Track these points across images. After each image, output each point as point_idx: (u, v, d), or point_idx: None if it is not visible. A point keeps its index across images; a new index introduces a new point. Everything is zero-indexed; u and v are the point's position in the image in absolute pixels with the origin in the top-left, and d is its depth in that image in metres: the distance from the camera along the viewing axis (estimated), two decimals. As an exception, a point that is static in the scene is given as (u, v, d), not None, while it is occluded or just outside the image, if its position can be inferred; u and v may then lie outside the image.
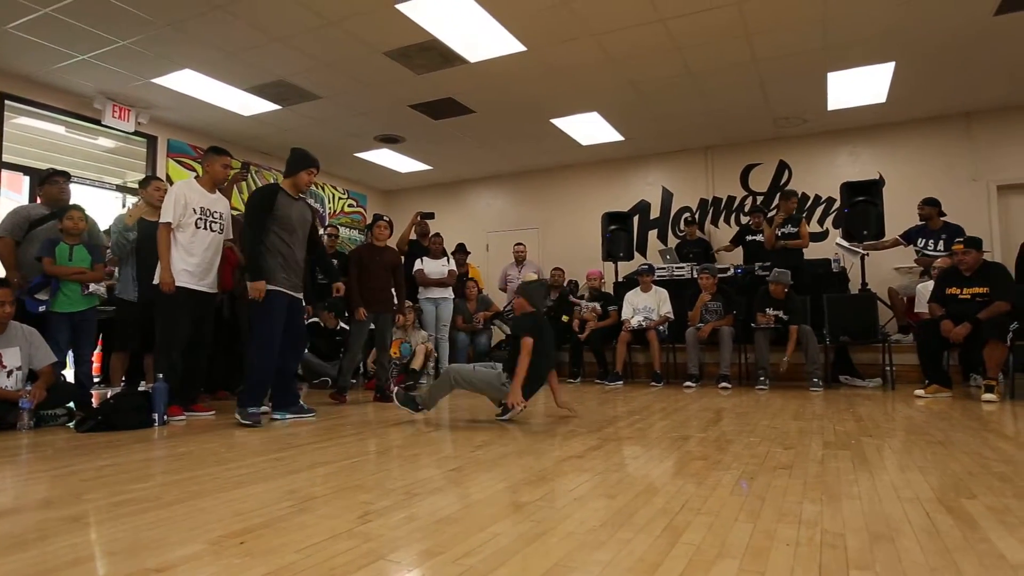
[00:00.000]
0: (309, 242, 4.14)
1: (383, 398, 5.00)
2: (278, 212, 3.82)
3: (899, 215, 6.84)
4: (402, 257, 5.45)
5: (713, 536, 1.56)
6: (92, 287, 4.36)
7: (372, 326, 5.18)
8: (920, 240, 6.23)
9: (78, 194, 6.20)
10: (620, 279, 7.62)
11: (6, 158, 6.03)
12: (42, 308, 4.17)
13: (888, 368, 5.74)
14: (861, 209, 6.29)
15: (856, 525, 1.64)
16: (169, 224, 3.85)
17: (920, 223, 6.30)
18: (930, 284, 5.49)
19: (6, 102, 5.98)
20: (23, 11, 4.80)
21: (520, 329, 3.80)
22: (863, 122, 7.61)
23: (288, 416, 3.93)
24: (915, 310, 6.04)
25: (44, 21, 4.94)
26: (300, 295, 4.03)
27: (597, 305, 7.04)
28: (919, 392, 4.88)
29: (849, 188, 6.44)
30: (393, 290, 5.21)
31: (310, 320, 6.08)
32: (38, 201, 4.95)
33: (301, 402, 4.12)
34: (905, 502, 1.86)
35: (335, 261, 6.64)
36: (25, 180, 6.36)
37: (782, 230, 6.56)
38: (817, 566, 1.36)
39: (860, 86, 6.45)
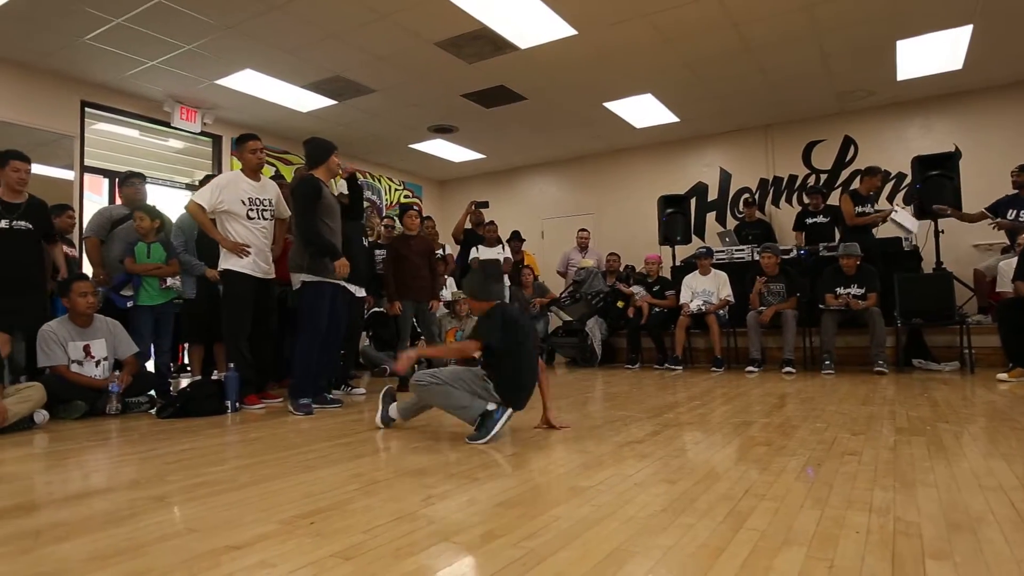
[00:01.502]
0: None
1: None
2: (325, 201, 3.89)
3: (978, 188, 6.43)
4: (436, 244, 5.49)
5: (779, 522, 1.53)
6: (169, 281, 4.60)
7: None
8: (1010, 212, 5.75)
9: (152, 193, 6.54)
10: (678, 263, 7.48)
11: (87, 162, 6.40)
12: (129, 304, 4.45)
13: (967, 351, 5.44)
14: (936, 183, 5.94)
15: (932, 513, 1.58)
16: (201, 207, 3.90)
17: (1012, 192, 5.82)
18: (1012, 261, 5.15)
19: (87, 109, 6.34)
20: (98, 23, 5.07)
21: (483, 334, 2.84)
22: (937, 91, 7.18)
23: (313, 405, 3.91)
24: (996, 289, 5.69)
25: (116, 30, 5.21)
26: (342, 281, 4.10)
27: (639, 289, 7.00)
28: (1002, 376, 4.61)
29: (921, 162, 6.09)
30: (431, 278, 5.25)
31: (373, 310, 6.22)
32: (118, 202, 5.24)
33: (326, 393, 4.14)
34: (987, 491, 1.77)
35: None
36: (104, 182, 6.75)
37: (860, 208, 6.23)
38: (890, 554, 1.31)
39: (933, 53, 6.08)
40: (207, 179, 5.09)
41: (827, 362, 5.53)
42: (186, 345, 6.11)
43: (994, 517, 1.54)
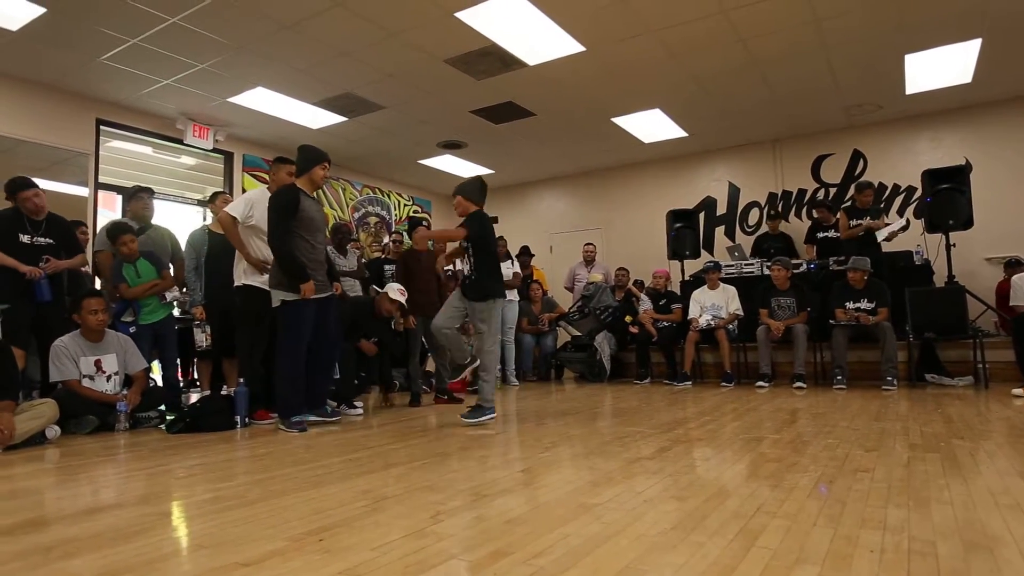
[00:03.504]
0: None
1: (449, 399, 5.08)
2: (303, 214, 3.78)
3: (989, 202, 6.41)
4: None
5: (791, 541, 1.51)
6: (169, 296, 4.64)
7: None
8: None
9: (163, 209, 6.60)
10: (687, 277, 7.47)
11: (101, 179, 6.49)
12: (132, 329, 4.46)
13: (981, 366, 5.38)
14: (946, 197, 5.91)
15: (948, 532, 1.55)
16: (235, 218, 3.95)
17: None
18: (1026, 275, 5.11)
19: (101, 127, 6.44)
20: (114, 43, 5.16)
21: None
22: (946, 105, 7.16)
23: (311, 417, 3.89)
24: (1011, 303, 5.64)
25: (132, 50, 5.30)
26: (328, 293, 4.00)
27: (645, 299, 7.05)
28: (1017, 391, 4.55)
29: (931, 175, 6.07)
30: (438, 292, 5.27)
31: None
32: (125, 216, 5.30)
33: (326, 406, 4.10)
34: (1004, 509, 1.75)
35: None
36: (118, 199, 6.82)
37: (857, 222, 6.26)
38: (905, 574, 1.29)
39: (942, 67, 6.07)
40: (215, 195, 5.16)
41: (839, 377, 5.48)
42: (195, 360, 6.14)
43: (1012, 537, 1.51)
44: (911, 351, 5.69)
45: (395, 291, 4.85)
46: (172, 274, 4.84)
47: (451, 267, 6.88)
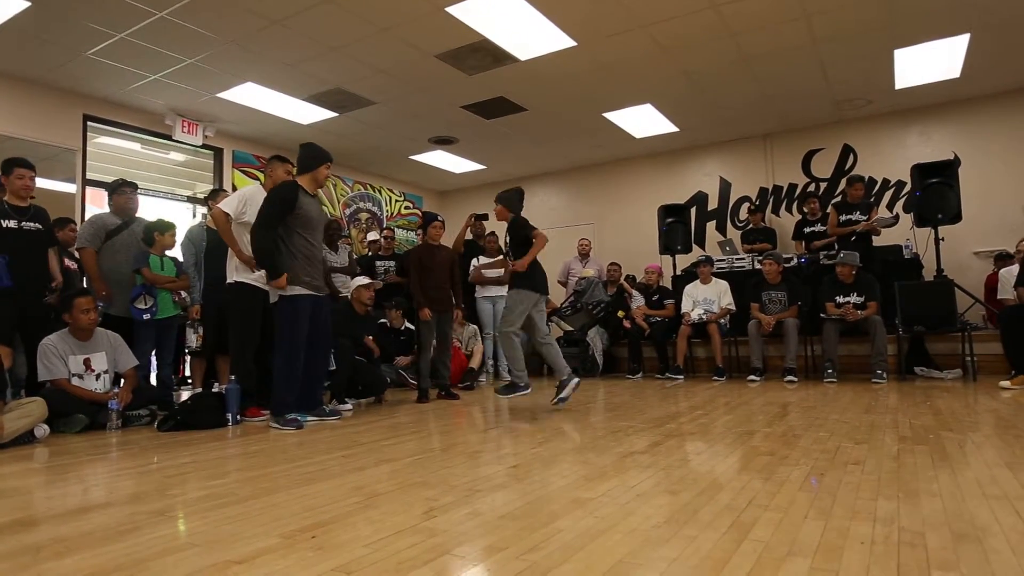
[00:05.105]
0: None
1: (447, 395, 5.08)
2: (300, 211, 3.75)
3: (978, 196, 6.45)
4: (457, 256, 5.52)
5: (782, 533, 1.52)
6: (183, 294, 4.65)
7: None
8: None
9: (153, 206, 6.55)
10: (678, 272, 7.49)
11: (89, 175, 6.42)
12: (147, 316, 4.42)
13: (969, 358, 5.42)
14: (935, 191, 5.95)
15: (937, 523, 1.57)
16: (228, 215, 3.93)
17: None
18: (1014, 269, 5.15)
19: (88, 123, 6.37)
20: (101, 37, 5.11)
21: (524, 229, 4.31)
22: (935, 100, 7.21)
23: (311, 418, 3.88)
24: (998, 296, 5.69)
25: (119, 45, 5.24)
26: (324, 293, 4.00)
27: (638, 295, 7.06)
28: (1004, 383, 4.59)
29: (920, 170, 6.11)
30: (451, 288, 5.28)
31: (378, 321, 6.21)
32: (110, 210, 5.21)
33: (324, 406, 4.10)
34: (992, 500, 1.76)
35: (392, 263, 6.81)
36: (106, 195, 6.74)
37: (847, 216, 6.29)
38: (895, 565, 1.30)
39: (931, 62, 6.11)
40: (214, 193, 5.12)
41: (829, 370, 5.51)
42: (188, 357, 6.13)
43: (1000, 527, 1.53)
44: (900, 344, 5.74)
45: (360, 280, 5.15)
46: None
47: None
